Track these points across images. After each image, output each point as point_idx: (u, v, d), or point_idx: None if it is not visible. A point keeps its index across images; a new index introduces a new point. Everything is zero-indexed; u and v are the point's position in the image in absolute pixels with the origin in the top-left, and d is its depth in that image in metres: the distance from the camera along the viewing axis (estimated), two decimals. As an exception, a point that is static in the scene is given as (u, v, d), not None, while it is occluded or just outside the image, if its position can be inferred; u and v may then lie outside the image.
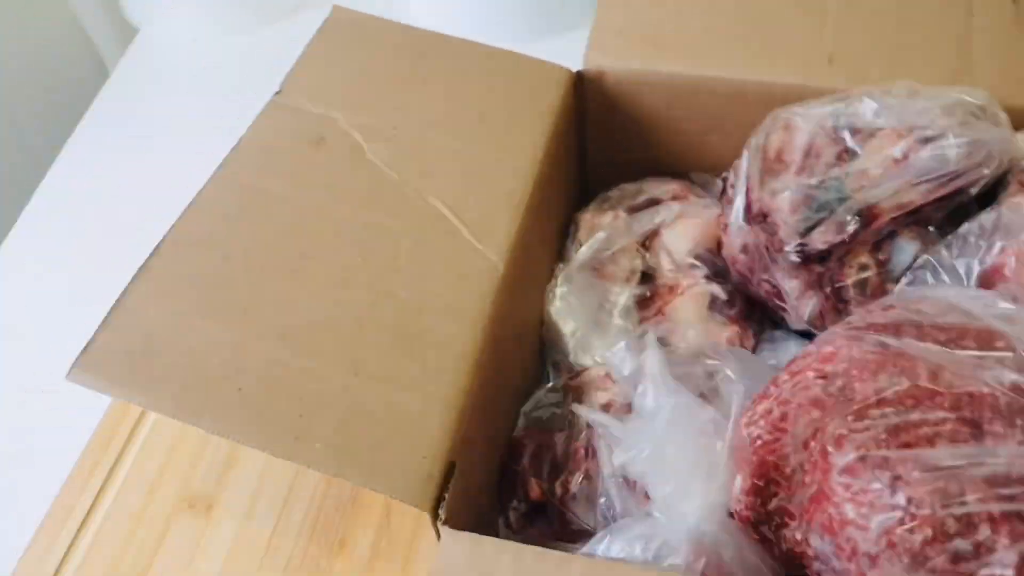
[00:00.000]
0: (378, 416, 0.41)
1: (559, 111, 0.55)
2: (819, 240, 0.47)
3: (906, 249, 0.48)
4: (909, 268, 0.48)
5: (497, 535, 0.49)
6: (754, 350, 0.56)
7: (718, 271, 0.57)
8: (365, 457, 0.40)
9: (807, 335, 0.55)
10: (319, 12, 0.93)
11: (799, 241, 0.48)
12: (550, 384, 0.56)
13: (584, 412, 0.40)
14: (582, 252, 0.57)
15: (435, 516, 0.40)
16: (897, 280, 0.48)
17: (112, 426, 0.58)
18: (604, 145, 0.64)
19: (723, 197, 0.56)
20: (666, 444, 0.37)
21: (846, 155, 0.49)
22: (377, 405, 0.41)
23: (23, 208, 0.76)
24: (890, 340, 0.38)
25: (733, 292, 0.56)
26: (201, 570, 0.52)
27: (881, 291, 0.48)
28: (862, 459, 0.35)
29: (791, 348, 0.55)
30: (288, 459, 0.39)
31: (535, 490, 0.49)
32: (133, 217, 0.73)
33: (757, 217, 0.50)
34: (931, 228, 0.49)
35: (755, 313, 0.57)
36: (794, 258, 0.48)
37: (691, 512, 0.37)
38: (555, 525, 0.48)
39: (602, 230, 0.58)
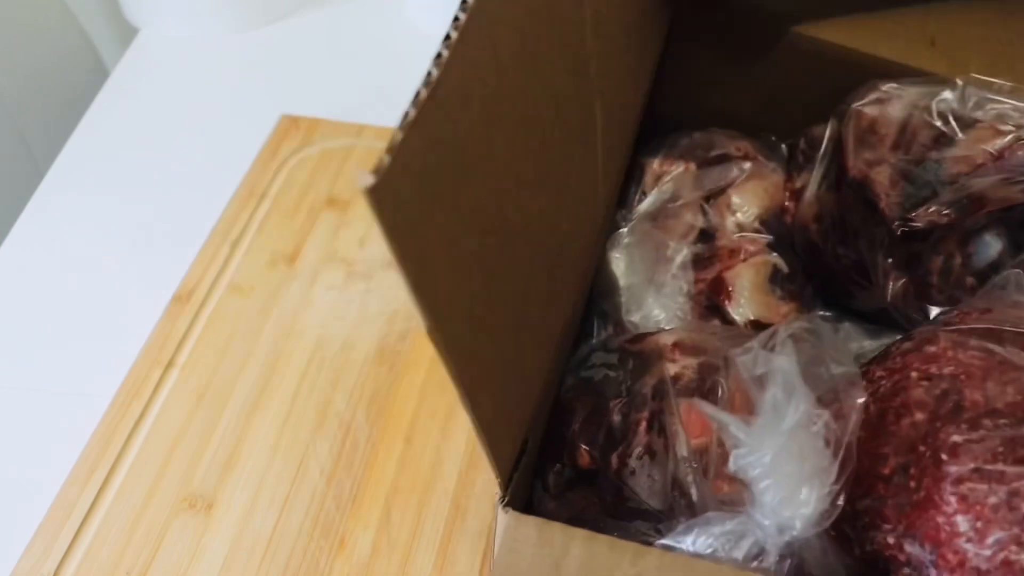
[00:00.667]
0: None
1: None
2: (924, 219, 0.46)
3: (992, 245, 0.47)
4: (991, 265, 0.47)
5: (531, 497, 0.46)
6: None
7: (781, 241, 0.54)
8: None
9: (863, 317, 0.54)
10: (319, 12, 0.93)
11: (907, 216, 0.46)
12: (599, 337, 0.53)
13: (710, 410, 0.39)
14: (647, 202, 0.55)
15: (504, 494, 0.36)
16: (976, 274, 0.47)
17: (112, 426, 0.57)
18: (680, 78, 0.59)
19: (791, 163, 0.53)
20: (787, 451, 0.35)
21: (943, 140, 0.47)
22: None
23: (23, 208, 0.75)
24: (995, 347, 0.37)
25: (795, 266, 0.54)
26: (201, 570, 0.51)
27: (962, 282, 0.48)
28: (978, 471, 0.34)
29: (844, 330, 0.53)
30: None
31: (584, 458, 0.46)
32: (134, 217, 0.73)
33: (852, 183, 0.48)
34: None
35: (810, 291, 0.55)
36: (900, 232, 0.46)
37: (798, 518, 0.35)
38: (607, 499, 0.46)
39: (670, 180, 0.55)
